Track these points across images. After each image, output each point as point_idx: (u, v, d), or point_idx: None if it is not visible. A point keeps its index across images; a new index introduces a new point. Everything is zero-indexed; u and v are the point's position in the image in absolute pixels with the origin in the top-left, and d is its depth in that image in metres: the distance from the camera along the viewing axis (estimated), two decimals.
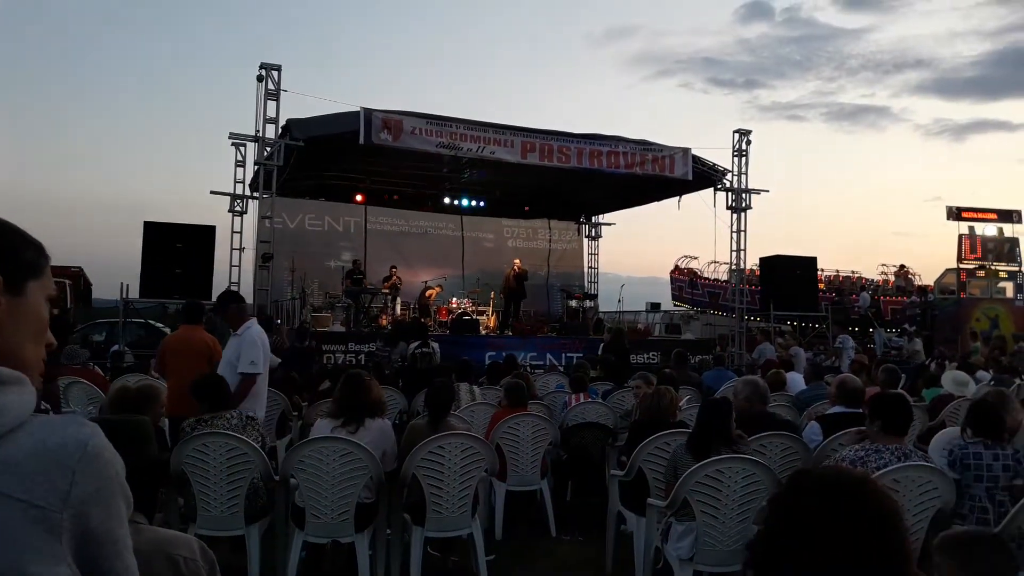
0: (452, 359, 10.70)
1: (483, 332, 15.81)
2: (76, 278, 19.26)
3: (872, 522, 1.16)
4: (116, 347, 12.58)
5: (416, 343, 10.05)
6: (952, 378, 7.16)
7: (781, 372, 8.06)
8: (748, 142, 15.63)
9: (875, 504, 1.19)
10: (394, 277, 16.24)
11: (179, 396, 5.22)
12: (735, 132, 15.72)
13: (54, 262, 1.09)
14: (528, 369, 11.61)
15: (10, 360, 0.94)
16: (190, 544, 1.74)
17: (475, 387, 7.41)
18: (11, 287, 0.97)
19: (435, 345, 10.37)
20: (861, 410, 5.19)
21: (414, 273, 17.98)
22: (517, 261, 17.27)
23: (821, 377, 7.97)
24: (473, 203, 19.88)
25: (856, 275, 25.90)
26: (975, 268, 22.25)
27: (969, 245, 22.41)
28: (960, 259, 22.36)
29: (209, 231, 12.71)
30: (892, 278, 25.34)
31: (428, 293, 16.75)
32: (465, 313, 16.16)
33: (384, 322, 15.20)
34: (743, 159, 15.67)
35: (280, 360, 8.34)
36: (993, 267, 22.13)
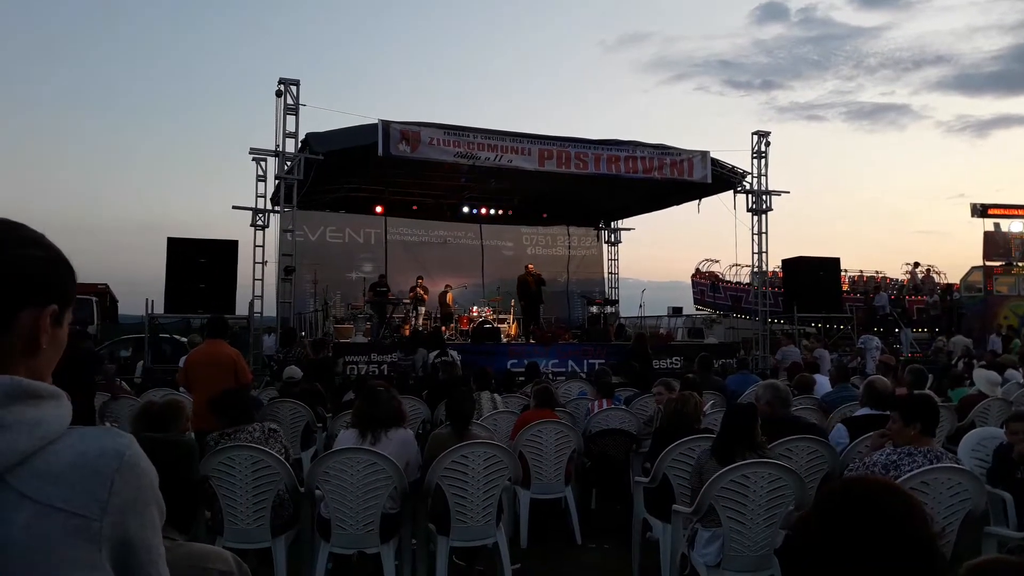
0: (473, 368, 10.73)
1: (504, 340, 15.81)
2: (103, 295, 19.53)
3: (909, 539, 1.15)
4: (143, 362, 12.72)
5: (435, 352, 10.07)
6: (985, 377, 7.05)
7: (807, 375, 7.98)
8: (767, 143, 15.53)
9: (913, 520, 1.17)
10: (419, 288, 16.30)
11: (204, 410, 5.27)
12: (754, 134, 15.63)
13: (81, 279, 1.12)
14: (551, 376, 11.60)
15: (43, 381, 0.98)
16: (225, 558, 1.76)
17: (496, 395, 7.41)
18: (58, 318, 1.03)
19: (454, 353, 10.39)
20: (889, 412, 5.14)
21: (434, 283, 18.04)
22: (530, 265, 17.23)
23: (847, 379, 7.88)
24: (492, 211, 19.91)
25: (880, 275, 25.61)
26: (1001, 265, 21.93)
27: (994, 242, 22.11)
28: (986, 257, 22.06)
29: (232, 245, 12.84)
30: (908, 276, 25.04)
31: (447, 299, 16.88)
32: (486, 321, 16.17)
33: (407, 332, 15.26)
34: (762, 161, 15.57)
35: (299, 371, 8.38)
36: (1020, 264, 21.79)
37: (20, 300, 0.98)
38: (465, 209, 19.62)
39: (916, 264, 25.18)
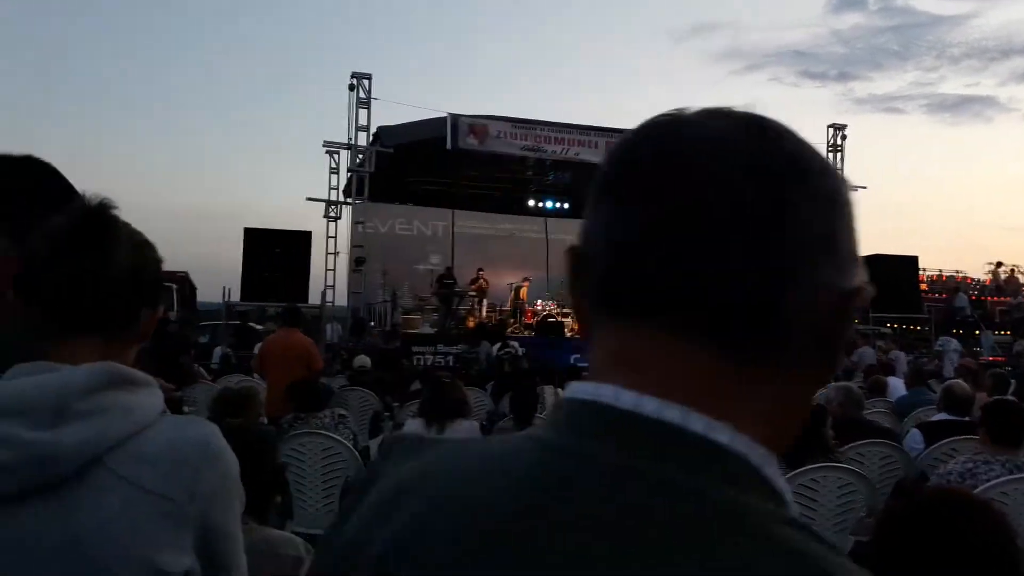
0: (537, 361, 10.74)
1: (568, 334, 15.79)
2: (182, 282, 20.25)
3: (990, 554, 1.12)
4: (219, 349, 13.17)
5: (498, 344, 10.14)
6: None
7: (881, 377, 7.74)
8: (844, 137, 15.10)
9: (995, 534, 1.14)
10: (481, 280, 16.42)
11: (278, 396, 5.44)
12: (829, 127, 15.21)
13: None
14: None
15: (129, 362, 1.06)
16: (296, 544, 1.84)
17: (560, 389, 7.42)
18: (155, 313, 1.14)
19: (515, 344, 10.43)
20: (968, 418, 4.95)
21: (499, 275, 18.12)
22: None
23: (923, 382, 7.61)
24: (557, 205, 19.87)
25: (960, 275, 24.56)
26: None
27: None
28: None
29: (305, 236, 13.17)
30: (990, 276, 23.92)
31: (520, 292, 16.93)
32: (550, 315, 16.16)
33: (471, 324, 15.38)
34: (839, 154, 15.14)
35: (368, 360, 8.55)
36: None
37: (143, 300, 1.09)
38: (530, 202, 19.63)
39: (999, 264, 24.07)
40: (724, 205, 0.48)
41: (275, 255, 12.66)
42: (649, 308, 0.50)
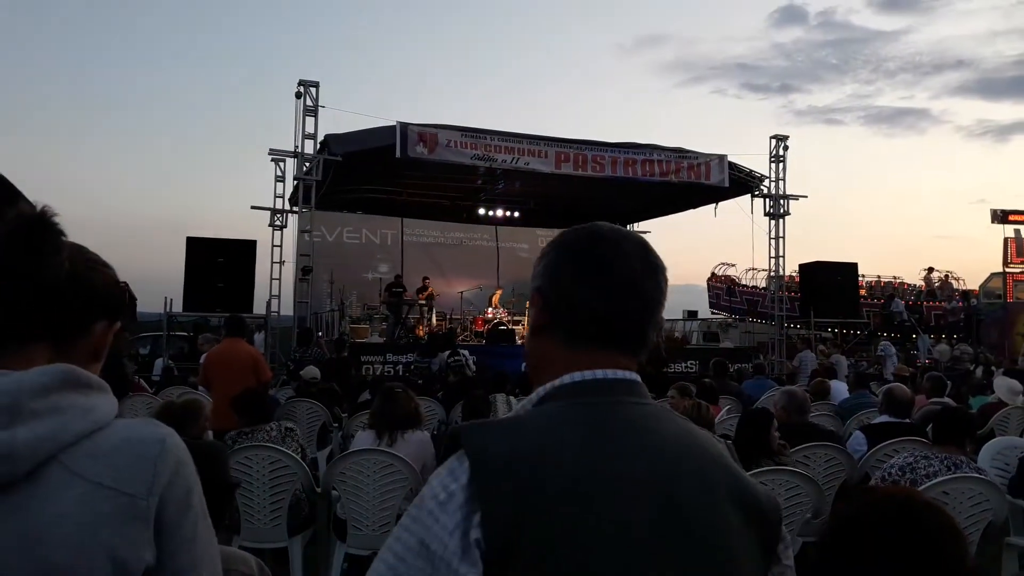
0: (489, 369, 10.72)
1: (519, 342, 15.82)
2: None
3: (935, 553, 1.14)
4: (161, 360, 12.82)
5: (447, 352, 10.12)
6: (1007, 386, 6.96)
7: (825, 381, 7.93)
8: (785, 147, 15.46)
9: (945, 537, 1.16)
10: (429, 288, 16.36)
11: (224, 409, 5.31)
12: (772, 138, 15.56)
13: None
14: None
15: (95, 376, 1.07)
16: (248, 561, 1.80)
17: (512, 397, 7.41)
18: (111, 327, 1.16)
19: (465, 353, 10.42)
20: (909, 420, 5.10)
21: (449, 284, 18.09)
22: None
23: (865, 385, 7.83)
24: (507, 213, 19.94)
25: (897, 280, 25.39)
26: (1022, 271, 21.69)
27: (1015, 248, 21.87)
28: (1006, 263, 21.83)
29: (250, 245, 12.92)
30: (924, 283, 24.80)
31: (493, 299, 17.33)
32: (501, 323, 16.18)
33: (421, 333, 15.30)
34: (780, 165, 15.49)
35: (316, 371, 8.42)
36: None
37: (97, 312, 1.12)
38: (481, 211, 19.66)
39: (931, 269, 24.95)
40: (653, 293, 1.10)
41: (219, 264, 12.38)
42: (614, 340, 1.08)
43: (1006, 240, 21.95)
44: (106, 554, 0.92)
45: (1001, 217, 21.89)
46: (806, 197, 15.76)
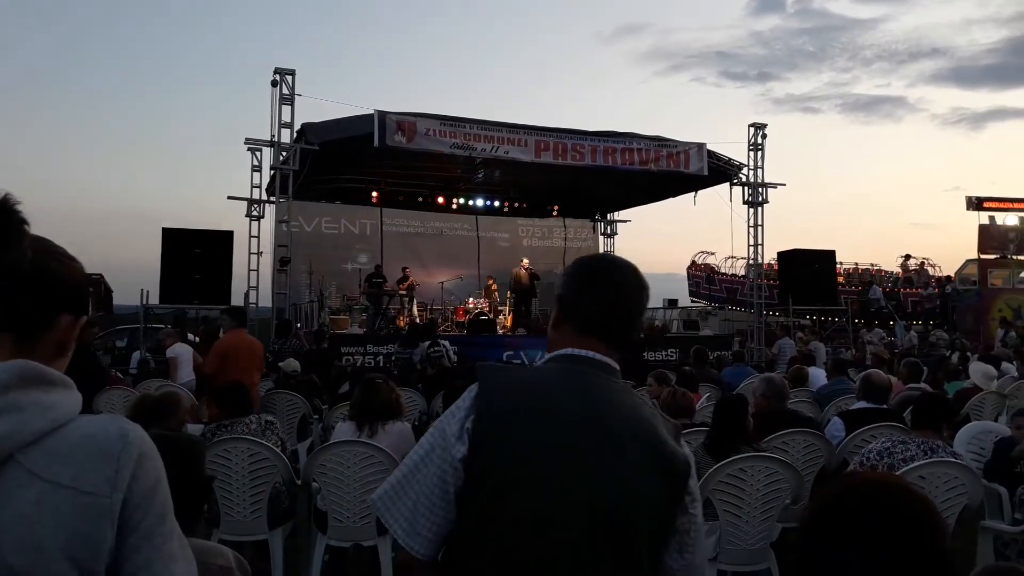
0: (469, 359, 10.71)
1: (500, 332, 15.82)
2: (97, 285, 19.44)
3: (916, 539, 1.14)
4: (138, 353, 12.68)
5: (427, 343, 10.10)
6: (982, 371, 7.05)
7: (803, 368, 7.99)
8: (764, 136, 15.53)
9: (922, 520, 1.16)
10: (409, 278, 16.29)
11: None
12: (750, 126, 15.62)
13: None
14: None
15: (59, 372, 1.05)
16: (225, 554, 1.80)
17: None
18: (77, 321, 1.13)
19: (445, 343, 10.40)
20: (886, 405, 5.14)
21: (429, 273, 18.02)
22: (525, 260, 17.16)
23: (843, 371, 7.90)
24: (487, 203, 19.89)
25: (875, 268, 25.67)
26: (996, 258, 21.99)
27: (990, 235, 22.16)
28: (981, 250, 22.11)
29: (227, 236, 12.79)
30: (901, 270, 25.09)
31: (491, 287, 17.52)
32: (482, 313, 16.16)
33: (401, 323, 15.25)
34: (759, 153, 15.57)
35: (299, 363, 8.36)
36: (1015, 257, 21.84)
37: (62, 305, 1.09)
38: (461, 200, 19.59)
39: (908, 256, 25.25)
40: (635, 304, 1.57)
41: (195, 256, 12.24)
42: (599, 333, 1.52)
43: (981, 227, 22.24)
44: (65, 555, 0.90)
45: (976, 204, 22.16)
46: (784, 185, 15.87)
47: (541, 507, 1.34)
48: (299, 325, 14.39)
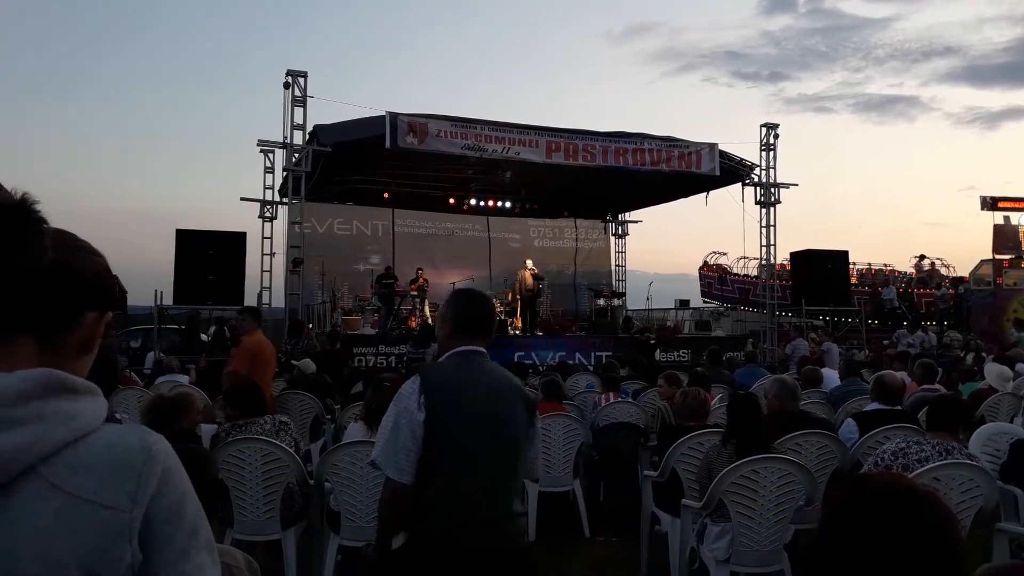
0: None
1: (512, 332, 15.82)
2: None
3: (933, 543, 1.14)
4: (152, 353, 12.76)
5: (435, 343, 10.10)
6: (997, 372, 6.96)
7: (816, 369, 7.94)
8: (776, 136, 15.48)
9: (938, 524, 1.16)
10: (421, 279, 16.31)
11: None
12: (762, 126, 15.58)
13: None
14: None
15: (81, 376, 1.02)
16: (234, 555, 1.80)
17: None
18: (103, 317, 1.09)
19: None
20: (900, 407, 5.11)
21: (441, 275, 18.05)
22: (529, 262, 16.95)
23: (856, 373, 7.85)
24: (499, 204, 19.91)
25: (888, 268, 25.50)
26: (1010, 259, 21.79)
27: (1005, 235, 21.97)
28: (995, 250, 21.92)
29: (240, 237, 12.86)
30: (915, 271, 24.90)
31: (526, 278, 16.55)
32: None
33: (413, 324, 15.28)
34: (771, 153, 15.52)
35: (313, 364, 8.40)
36: None
37: (86, 301, 1.04)
38: (472, 201, 19.61)
39: (922, 257, 25.05)
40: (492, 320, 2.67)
41: (209, 257, 12.32)
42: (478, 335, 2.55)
43: (995, 227, 22.05)
44: (83, 570, 0.88)
45: (991, 204, 21.96)
46: (797, 185, 15.82)
47: (468, 437, 2.32)
48: (311, 325, 14.45)
